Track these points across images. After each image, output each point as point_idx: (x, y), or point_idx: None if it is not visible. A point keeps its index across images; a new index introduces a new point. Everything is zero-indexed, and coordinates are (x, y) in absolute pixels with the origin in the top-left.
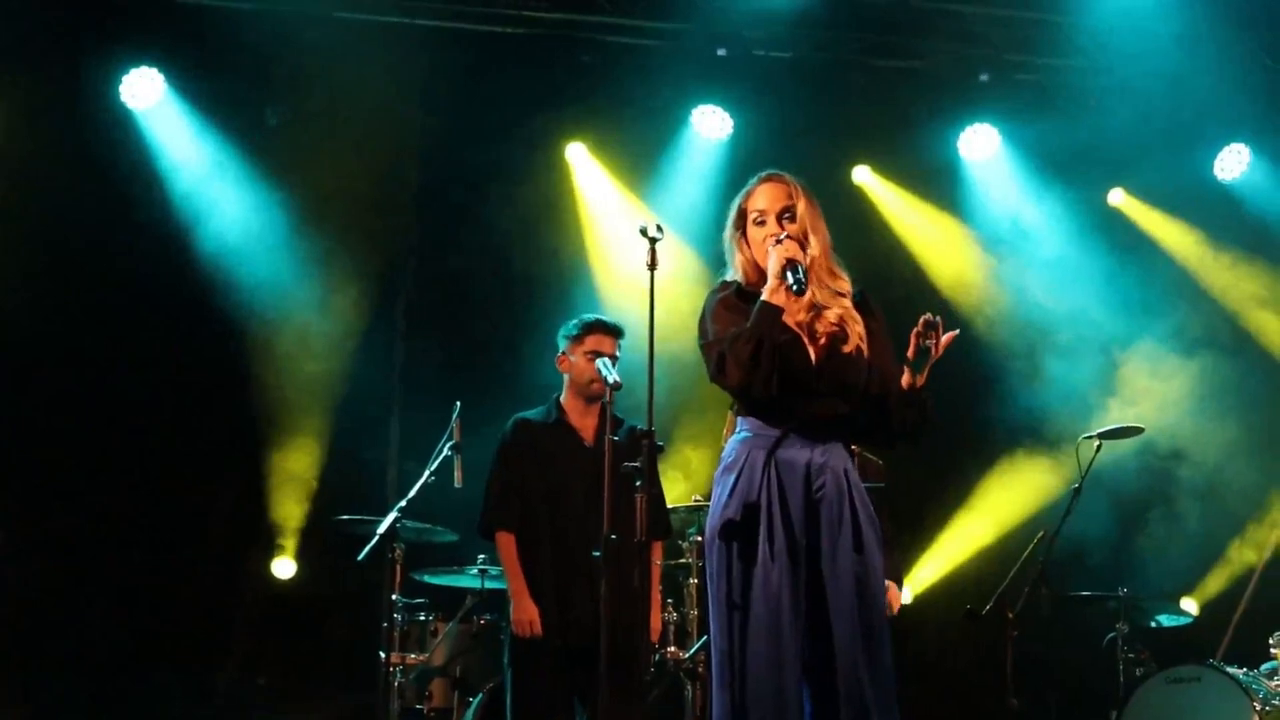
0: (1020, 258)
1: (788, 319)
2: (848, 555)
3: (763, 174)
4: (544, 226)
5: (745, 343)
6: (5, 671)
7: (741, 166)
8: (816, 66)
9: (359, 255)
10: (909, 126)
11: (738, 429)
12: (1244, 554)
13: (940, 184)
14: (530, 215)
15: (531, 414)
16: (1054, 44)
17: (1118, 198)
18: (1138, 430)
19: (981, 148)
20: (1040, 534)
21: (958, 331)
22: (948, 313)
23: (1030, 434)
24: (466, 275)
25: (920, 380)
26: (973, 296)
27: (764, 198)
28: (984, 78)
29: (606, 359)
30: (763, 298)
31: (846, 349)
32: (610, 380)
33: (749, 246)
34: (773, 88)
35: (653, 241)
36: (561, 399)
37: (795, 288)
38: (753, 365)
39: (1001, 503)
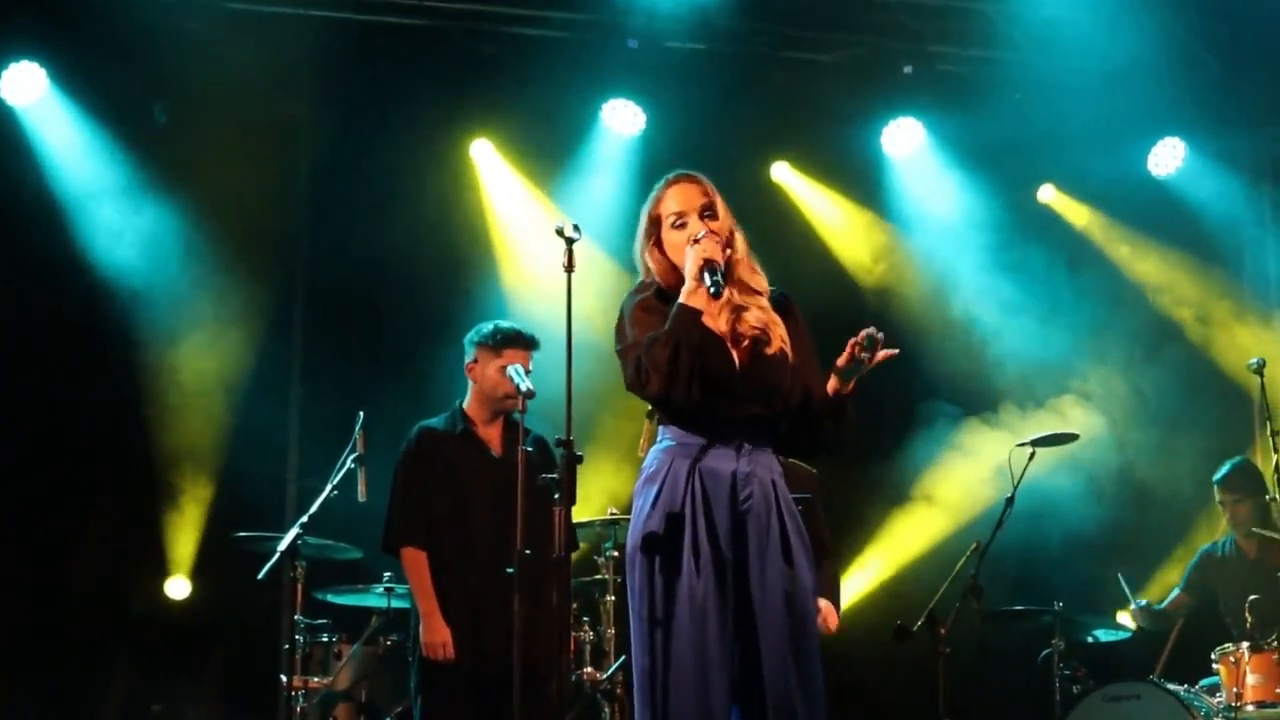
0: (948, 258)
1: (708, 320)
2: (777, 569)
3: (669, 176)
4: (448, 227)
5: (663, 347)
6: None
7: (655, 162)
8: (733, 58)
9: (251, 258)
10: (830, 121)
11: (658, 438)
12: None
13: (863, 180)
14: (433, 215)
15: (435, 422)
16: (980, 34)
17: (1048, 194)
18: (1072, 437)
19: (905, 142)
20: (972, 546)
21: (897, 351)
22: (871, 316)
23: (959, 442)
24: (367, 279)
25: (847, 389)
26: (898, 299)
27: (678, 199)
28: (907, 70)
29: (519, 366)
30: (680, 300)
31: (770, 351)
32: (524, 389)
33: (665, 254)
34: (687, 81)
35: (569, 242)
36: (466, 406)
37: (713, 290)
38: (671, 371)
39: (931, 513)
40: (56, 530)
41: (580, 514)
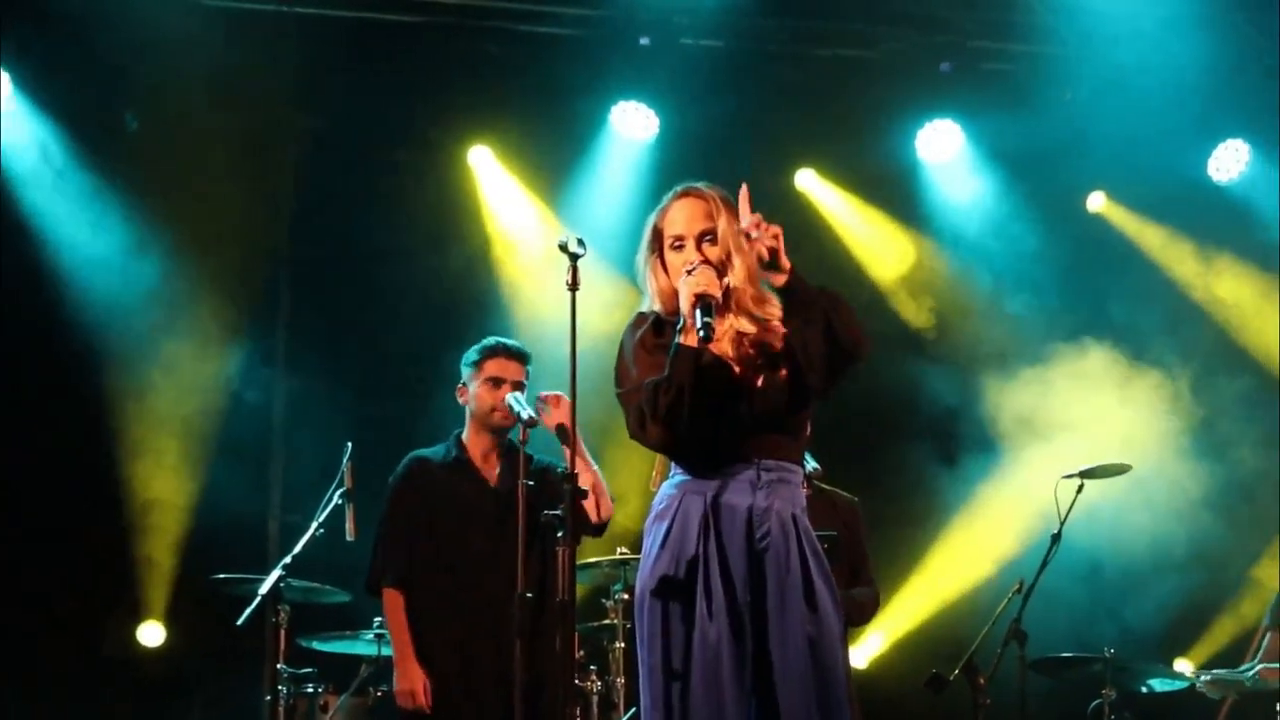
0: (989, 273)
1: (714, 347)
2: (798, 614)
3: (678, 189)
4: (444, 242)
5: (665, 394)
6: None
7: (669, 171)
8: (753, 57)
9: (231, 278)
10: (859, 124)
11: (670, 472)
12: (1246, 608)
13: (895, 189)
14: (428, 229)
15: (429, 452)
16: (1025, 28)
17: (1098, 202)
18: (1125, 468)
19: (942, 147)
20: (1015, 586)
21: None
22: (905, 335)
23: (1002, 472)
24: (356, 298)
25: (784, 269)
26: (935, 317)
27: (681, 218)
28: (945, 67)
29: (516, 393)
30: (678, 340)
31: (781, 376)
32: (524, 415)
33: (666, 273)
34: (703, 81)
35: (574, 258)
36: (463, 435)
37: (702, 333)
38: (674, 418)
39: (971, 550)
40: (19, 571)
41: (587, 553)
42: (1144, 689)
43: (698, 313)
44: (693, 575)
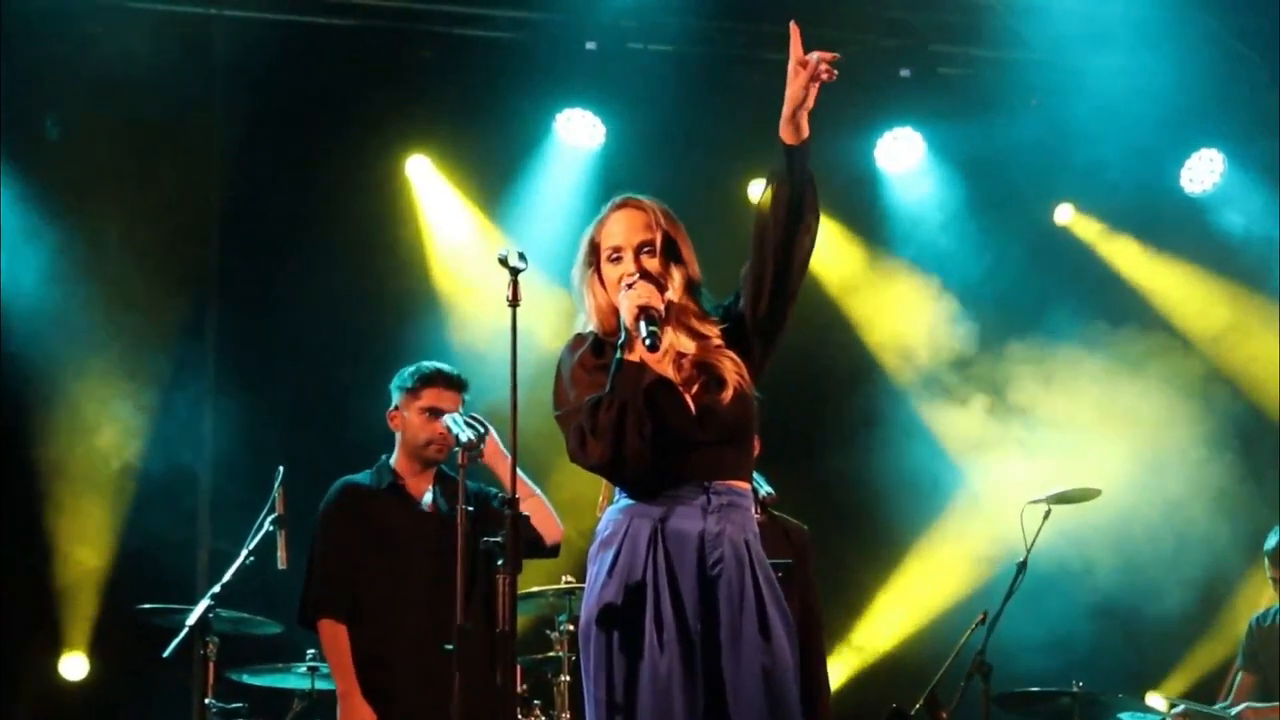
0: (951, 287)
1: (655, 365)
2: (752, 644)
3: (616, 199)
4: (379, 255)
5: (606, 411)
6: None
7: (616, 180)
8: (704, 62)
9: (155, 292)
10: (815, 132)
11: (616, 496)
12: (1221, 640)
13: (853, 200)
14: (362, 243)
15: (359, 477)
16: (989, 32)
17: (1066, 215)
18: (1094, 493)
19: (902, 156)
20: (979, 617)
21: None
22: (863, 351)
23: (964, 497)
24: (287, 315)
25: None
26: (894, 335)
27: (619, 229)
28: (905, 73)
29: (454, 414)
30: (621, 355)
31: (727, 389)
32: (465, 439)
33: (604, 288)
34: (652, 88)
35: (515, 272)
36: (393, 461)
37: (648, 342)
38: (618, 437)
39: (933, 578)
40: None
41: (529, 582)
42: None
43: (641, 323)
44: (641, 604)
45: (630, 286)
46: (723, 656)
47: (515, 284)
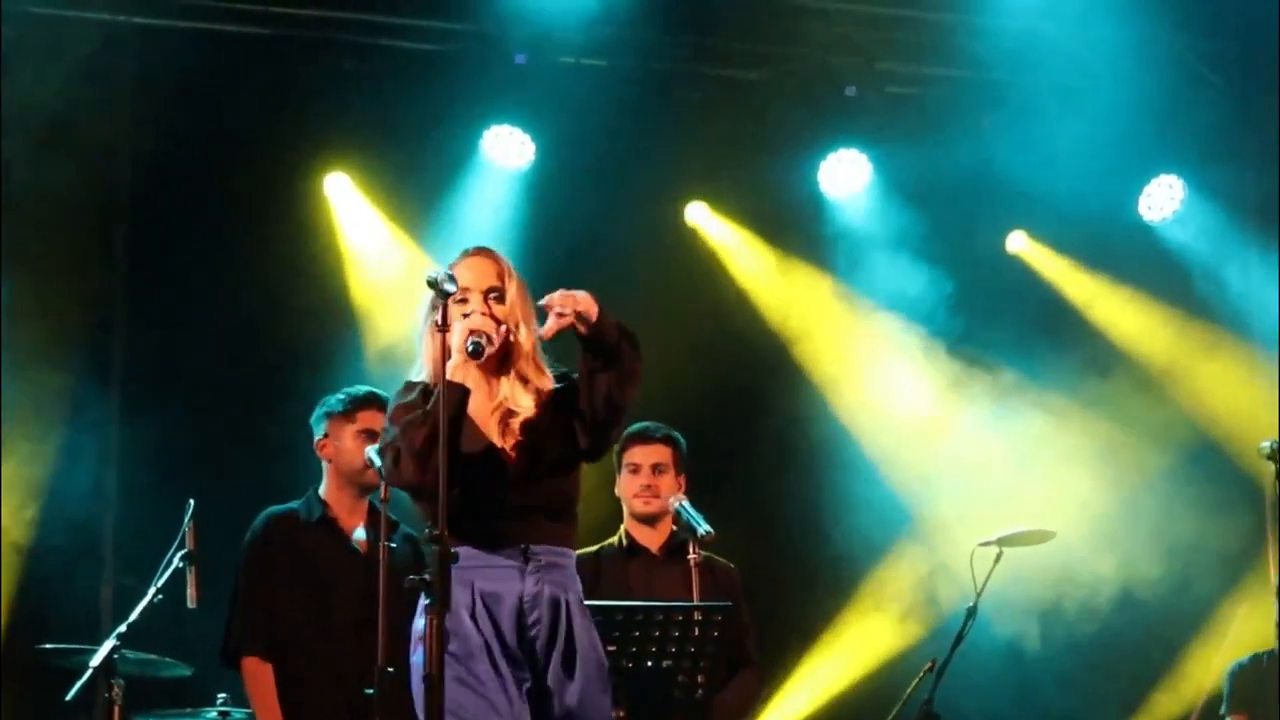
0: (897, 318)
1: (476, 419)
2: (579, 681)
3: (469, 248)
4: (296, 278)
5: (419, 427)
6: None
7: (546, 200)
8: (640, 77)
9: (56, 316)
10: (756, 153)
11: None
12: (1183, 687)
13: (795, 225)
14: (278, 264)
15: (286, 509)
16: (939, 49)
17: (1019, 243)
18: (1048, 535)
19: (848, 179)
20: (927, 665)
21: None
22: (808, 385)
23: (911, 539)
24: (197, 342)
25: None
26: (837, 365)
27: (470, 274)
28: (850, 91)
29: (376, 446)
30: (446, 376)
31: (548, 456)
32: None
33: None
34: (585, 104)
35: (444, 296)
36: (323, 492)
37: (471, 348)
38: (428, 453)
39: (877, 623)
40: None
41: None
42: None
43: (470, 340)
44: (471, 656)
45: (467, 316)
46: (553, 700)
47: (445, 308)
